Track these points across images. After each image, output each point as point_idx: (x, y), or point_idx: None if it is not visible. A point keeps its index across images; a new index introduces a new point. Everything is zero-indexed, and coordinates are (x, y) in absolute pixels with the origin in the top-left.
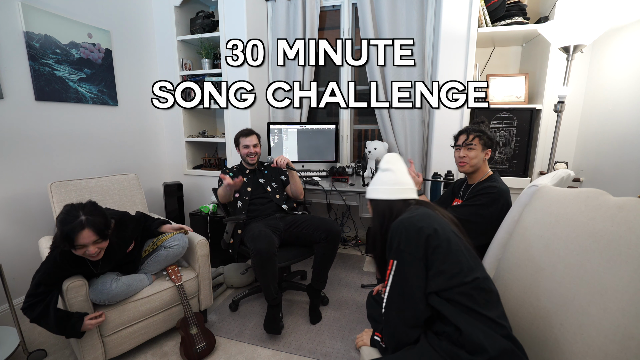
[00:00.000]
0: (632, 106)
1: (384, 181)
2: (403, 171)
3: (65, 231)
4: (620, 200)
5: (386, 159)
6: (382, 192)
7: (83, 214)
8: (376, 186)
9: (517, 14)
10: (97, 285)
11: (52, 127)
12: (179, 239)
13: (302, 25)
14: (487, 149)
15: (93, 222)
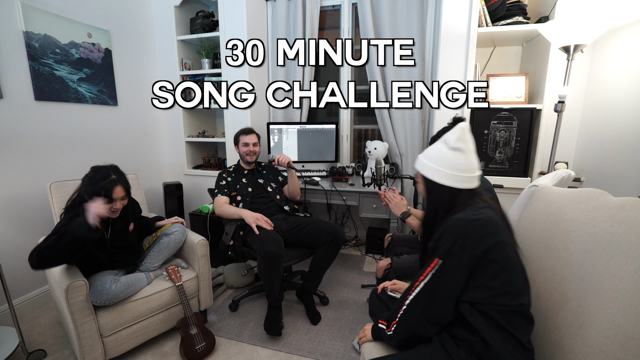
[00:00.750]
0: (632, 106)
1: (452, 164)
2: (474, 152)
3: (99, 187)
4: (620, 200)
5: (458, 134)
6: (447, 177)
7: (113, 174)
8: (440, 167)
9: (517, 13)
10: (97, 286)
11: (51, 127)
12: (179, 227)
13: (302, 25)
14: None
15: (123, 181)
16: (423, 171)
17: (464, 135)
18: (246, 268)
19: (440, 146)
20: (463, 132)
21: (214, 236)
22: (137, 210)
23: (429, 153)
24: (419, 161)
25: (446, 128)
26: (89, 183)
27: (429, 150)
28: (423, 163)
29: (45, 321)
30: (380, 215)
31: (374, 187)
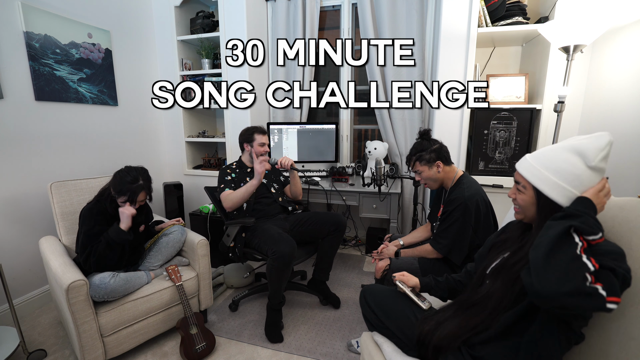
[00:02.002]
0: (632, 106)
1: (584, 185)
2: None
3: (126, 189)
4: (620, 201)
5: (606, 151)
6: (569, 199)
7: (142, 179)
8: (569, 186)
9: (517, 14)
10: (96, 280)
11: (52, 127)
12: (177, 227)
13: (302, 25)
14: (433, 164)
15: (148, 187)
16: (540, 185)
17: (609, 154)
18: (247, 269)
19: (573, 159)
20: (610, 149)
21: (214, 236)
22: (150, 215)
23: (553, 163)
24: (530, 168)
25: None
26: (119, 182)
27: (551, 157)
28: (541, 174)
29: (45, 321)
30: (380, 215)
31: (374, 187)
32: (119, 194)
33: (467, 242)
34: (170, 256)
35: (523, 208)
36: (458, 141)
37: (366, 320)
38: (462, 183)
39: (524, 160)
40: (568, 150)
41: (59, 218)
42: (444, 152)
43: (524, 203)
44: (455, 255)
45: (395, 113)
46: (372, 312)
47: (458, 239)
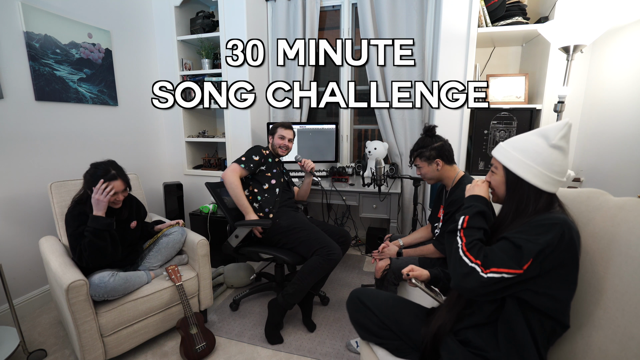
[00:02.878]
0: (632, 106)
1: (547, 162)
2: (568, 153)
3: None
4: (620, 201)
5: (565, 131)
6: (537, 177)
7: (112, 169)
8: (533, 163)
9: (517, 14)
10: (95, 279)
11: (52, 127)
12: (178, 228)
13: (302, 25)
14: (433, 161)
15: (122, 175)
16: (508, 163)
17: (569, 134)
18: (250, 270)
19: (536, 139)
20: (569, 130)
21: (214, 236)
22: (142, 211)
23: (520, 144)
24: (501, 150)
25: (421, 139)
26: (91, 180)
27: (519, 140)
28: (509, 154)
29: (45, 321)
30: (380, 215)
31: (374, 187)
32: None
33: None
34: (170, 256)
35: (495, 188)
36: (458, 141)
37: (359, 326)
38: (463, 183)
39: (498, 146)
40: (533, 133)
41: (59, 218)
42: (446, 150)
43: (496, 183)
44: None
45: (395, 113)
46: (372, 314)
47: None
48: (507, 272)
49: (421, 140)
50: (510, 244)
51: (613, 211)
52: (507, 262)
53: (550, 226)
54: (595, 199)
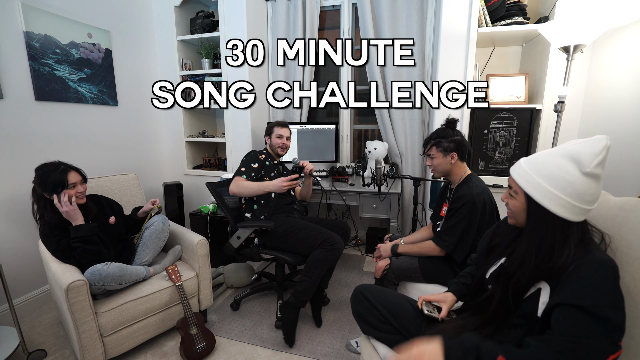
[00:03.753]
0: (632, 106)
1: (578, 193)
2: (602, 179)
3: (54, 178)
4: (620, 201)
5: (602, 157)
6: (566, 208)
7: (61, 164)
8: (561, 194)
9: (517, 14)
10: (90, 269)
11: (52, 127)
12: (157, 217)
13: (302, 25)
14: (449, 153)
15: (73, 167)
16: (531, 191)
17: (606, 159)
18: (250, 270)
19: (567, 165)
20: (607, 153)
21: (214, 236)
22: (115, 206)
23: (547, 170)
24: (523, 174)
25: (441, 129)
26: (43, 181)
27: (546, 164)
28: (533, 180)
29: (45, 321)
30: (380, 215)
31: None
32: (52, 188)
33: (470, 240)
34: (159, 248)
35: (514, 213)
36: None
37: (361, 320)
38: (470, 181)
39: (518, 165)
40: (563, 155)
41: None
42: (463, 146)
43: (515, 209)
44: (458, 253)
45: (395, 113)
46: (374, 309)
47: (464, 237)
48: None
49: (441, 130)
50: (588, 316)
51: (613, 211)
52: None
53: (614, 280)
54: None
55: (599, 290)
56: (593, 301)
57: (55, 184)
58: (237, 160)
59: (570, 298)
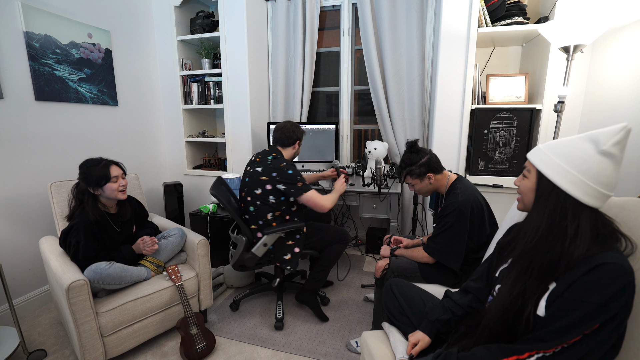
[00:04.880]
0: (632, 106)
1: (593, 171)
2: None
3: (98, 172)
4: (621, 201)
5: (620, 136)
6: (578, 186)
7: (103, 159)
8: (575, 170)
9: (517, 14)
10: (92, 267)
11: (52, 127)
12: (177, 230)
13: (302, 25)
14: (424, 175)
15: (114, 161)
16: (544, 168)
17: (625, 140)
18: None
19: (583, 144)
20: (626, 135)
21: (214, 236)
22: (143, 213)
23: (561, 148)
24: (538, 152)
25: (406, 157)
26: (87, 176)
27: (562, 144)
28: (547, 157)
29: (45, 321)
30: (380, 216)
31: (374, 187)
32: (96, 182)
33: (462, 248)
34: (169, 258)
35: (523, 195)
36: (458, 141)
37: (389, 312)
38: (456, 188)
39: (536, 148)
40: (582, 138)
41: (59, 218)
42: (434, 162)
43: (525, 189)
44: (452, 262)
45: (396, 113)
46: (397, 301)
47: (450, 245)
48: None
49: (407, 157)
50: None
51: (613, 211)
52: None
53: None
54: None
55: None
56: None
57: (99, 178)
58: (237, 160)
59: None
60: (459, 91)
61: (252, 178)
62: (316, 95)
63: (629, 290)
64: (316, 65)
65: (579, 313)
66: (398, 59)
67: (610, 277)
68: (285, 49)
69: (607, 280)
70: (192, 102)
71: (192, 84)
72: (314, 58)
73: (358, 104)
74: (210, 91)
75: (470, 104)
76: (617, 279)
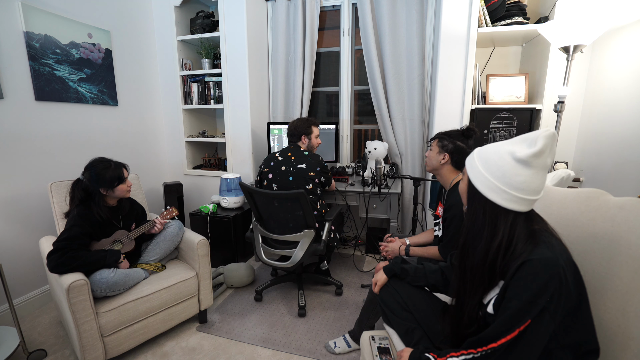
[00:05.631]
0: (632, 106)
1: (506, 177)
2: (546, 170)
3: (111, 174)
4: (620, 201)
5: (540, 146)
6: (493, 191)
7: (110, 161)
8: (489, 175)
9: (517, 14)
10: (96, 275)
11: (52, 127)
12: (174, 222)
13: (302, 25)
14: (443, 152)
15: (122, 164)
16: (469, 171)
17: (546, 149)
18: (248, 268)
19: (504, 149)
20: (548, 143)
21: (214, 236)
22: (140, 212)
23: (486, 153)
24: (471, 156)
25: (455, 130)
26: (100, 177)
27: (490, 148)
28: (473, 161)
29: (45, 321)
30: (380, 216)
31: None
32: (109, 183)
33: None
34: (169, 250)
35: (462, 194)
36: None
37: (385, 306)
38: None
39: (473, 153)
40: (509, 143)
41: (59, 218)
42: (460, 153)
43: (462, 190)
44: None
45: (396, 113)
46: (398, 295)
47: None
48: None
49: (455, 131)
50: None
51: (613, 211)
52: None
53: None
54: (595, 199)
55: (520, 288)
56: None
57: (112, 179)
58: (237, 160)
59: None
60: (459, 91)
61: (297, 175)
62: (316, 95)
63: (553, 282)
64: (316, 65)
65: (511, 310)
66: (398, 59)
67: (534, 272)
68: (285, 49)
69: (532, 277)
70: (192, 102)
71: (192, 84)
72: (314, 58)
73: (358, 104)
74: (210, 91)
75: (470, 104)
76: (540, 273)
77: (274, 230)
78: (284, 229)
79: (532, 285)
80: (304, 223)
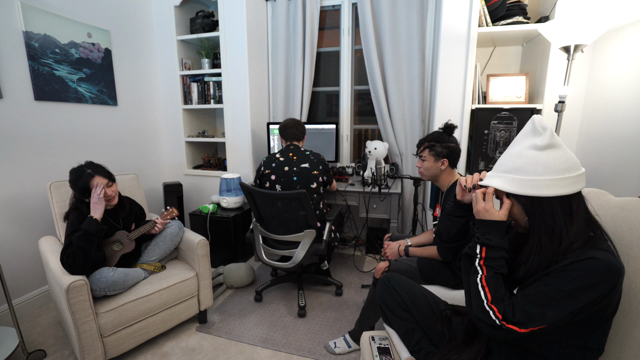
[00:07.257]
0: (632, 106)
1: (551, 166)
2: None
3: (80, 185)
4: (621, 201)
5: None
6: (555, 185)
7: (87, 169)
8: (540, 176)
9: (518, 13)
10: (96, 274)
11: (51, 127)
12: (174, 222)
13: (302, 25)
14: (441, 159)
15: (98, 170)
16: (509, 189)
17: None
18: (248, 268)
19: (522, 151)
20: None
21: (214, 236)
22: (140, 213)
23: (510, 165)
24: (499, 180)
25: (438, 133)
26: (73, 185)
27: (507, 160)
28: (504, 181)
29: (45, 321)
30: (380, 215)
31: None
32: (81, 193)
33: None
34: (169, 250)
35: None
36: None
37: (384, 304)
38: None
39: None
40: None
41: (59, 218)
42: (456, 154)
43: (514, 216)
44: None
45: (396, 113)
46: (398, 295)
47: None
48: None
49: (438, 134)
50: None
51: (614, 211)
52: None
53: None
54: (595, 199)
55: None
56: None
57: (82, 190)
58: (237, 160)
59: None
60: (459, 91)
61: (301, 175)
62: (316, 95)
63: (602, 287)
64: (316, 65)
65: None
66: (398, 59)
67: (593, 270)
68: (285, 48)
69: (586, 272)
70: (191, 102)
71: (192, 83)
72: (314, 58)
73: (358, 104)
74: (210, 91)
75: (471, 103)
76: (599, 273)
77: (275, 231)
78: (285, 229)
79: (580, 281)
80: (306, 223)
